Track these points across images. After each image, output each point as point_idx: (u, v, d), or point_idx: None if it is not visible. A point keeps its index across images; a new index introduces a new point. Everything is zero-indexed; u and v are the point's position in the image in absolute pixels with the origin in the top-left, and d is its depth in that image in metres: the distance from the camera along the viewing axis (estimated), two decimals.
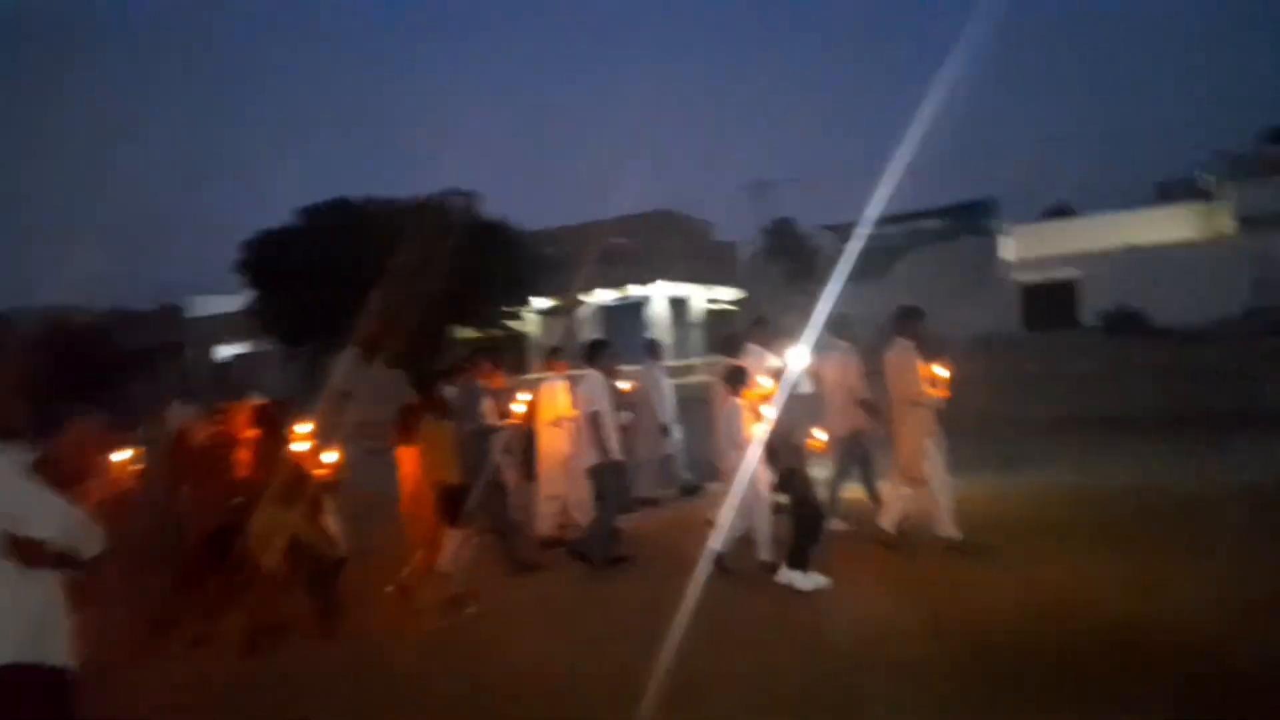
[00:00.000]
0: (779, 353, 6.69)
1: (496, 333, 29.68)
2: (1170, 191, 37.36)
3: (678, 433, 9.08)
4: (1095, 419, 11.89)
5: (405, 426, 6.18)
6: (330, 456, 5.79)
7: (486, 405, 6.73)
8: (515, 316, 29.78)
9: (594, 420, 6.39)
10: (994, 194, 34.19)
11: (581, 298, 34.36)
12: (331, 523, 5.86)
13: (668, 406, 8.92)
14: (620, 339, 11.17)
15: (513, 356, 35.63)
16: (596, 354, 6.75)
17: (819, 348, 6.49)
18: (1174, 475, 8.22)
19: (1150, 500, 7.25)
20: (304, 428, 5.74)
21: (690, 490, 8.97)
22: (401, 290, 23.52)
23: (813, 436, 5.82)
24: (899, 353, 6.15)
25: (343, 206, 27.14)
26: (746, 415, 5.79)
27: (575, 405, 6.92)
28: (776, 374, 6.90)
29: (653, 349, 9.41)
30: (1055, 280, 31.88)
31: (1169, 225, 33.19)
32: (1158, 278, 28.53)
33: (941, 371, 6.16)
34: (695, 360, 27.10)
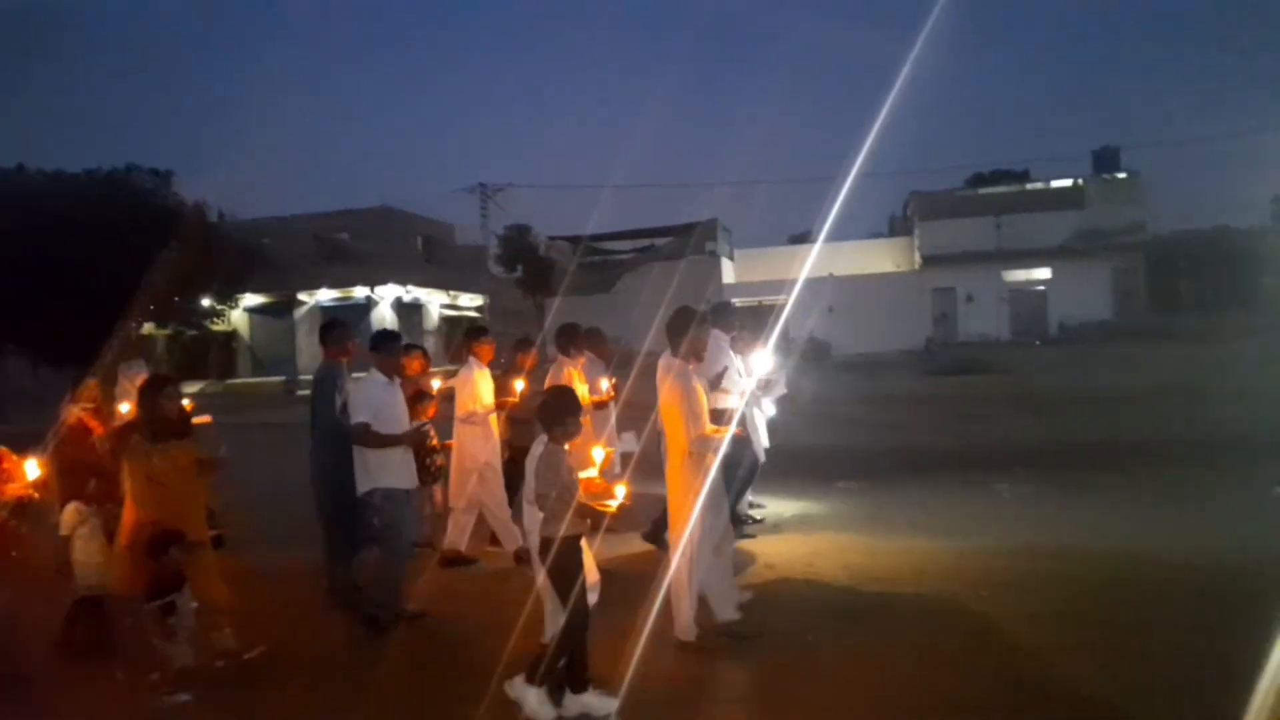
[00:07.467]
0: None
1: (193, 332, 26.41)
2: (896, 225, 40.53)
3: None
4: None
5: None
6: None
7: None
8: (218, 315, 26.58)
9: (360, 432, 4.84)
10: (721, 217, 35.46)
11: (301, 297, 31.58)
12: None
13: None
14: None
15: (218, 357, 32.09)
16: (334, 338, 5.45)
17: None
18: None
19: None
20: None
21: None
22: (70, 280, 20.09)
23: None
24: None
25: None
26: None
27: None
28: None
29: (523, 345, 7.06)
30: (764, 304, 33.47)
31: (876, 258, 36.23)
32: (853, 307, 30.82)
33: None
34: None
